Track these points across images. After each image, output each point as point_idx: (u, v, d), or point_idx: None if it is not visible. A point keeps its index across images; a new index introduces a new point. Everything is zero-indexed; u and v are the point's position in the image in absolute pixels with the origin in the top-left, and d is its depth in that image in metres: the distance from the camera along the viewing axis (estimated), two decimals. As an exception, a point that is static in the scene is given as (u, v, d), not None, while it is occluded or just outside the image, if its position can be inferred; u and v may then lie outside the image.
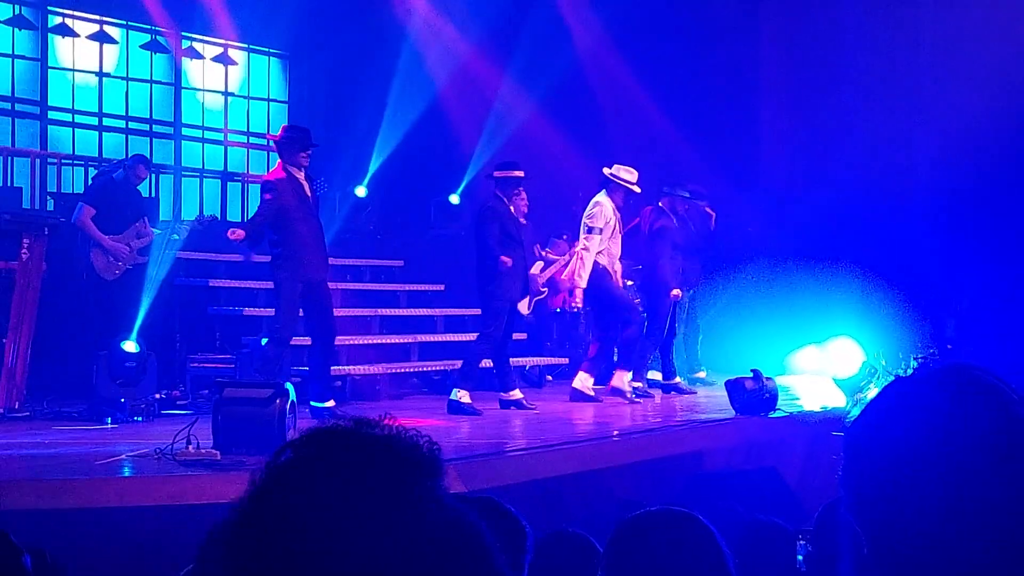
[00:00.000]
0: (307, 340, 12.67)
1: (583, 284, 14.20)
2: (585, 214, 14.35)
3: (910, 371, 2.13)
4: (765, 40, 20.52)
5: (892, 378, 2.13)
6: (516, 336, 15.93)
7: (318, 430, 1.66)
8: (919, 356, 14.84)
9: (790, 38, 20.20)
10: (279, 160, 12.39)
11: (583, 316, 17.54)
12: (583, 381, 14.42)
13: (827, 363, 16.66)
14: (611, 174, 14.36)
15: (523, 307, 15.70)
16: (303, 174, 12.22)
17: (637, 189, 14.46)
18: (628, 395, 14.26)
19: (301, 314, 12.26)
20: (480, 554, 1.61)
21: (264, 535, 1.57)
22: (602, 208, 14.21)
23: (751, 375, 13.37)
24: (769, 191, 19.56)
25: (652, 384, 15.21)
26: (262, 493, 1.62)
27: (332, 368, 13.33)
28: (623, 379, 14.35)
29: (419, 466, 1.63)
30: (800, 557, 5.49)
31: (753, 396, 13.18)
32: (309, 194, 12.26)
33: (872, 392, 2.15)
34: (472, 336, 14.27)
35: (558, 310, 17.73)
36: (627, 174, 14.39)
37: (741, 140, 20.19)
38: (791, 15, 20.17)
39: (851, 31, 19.50)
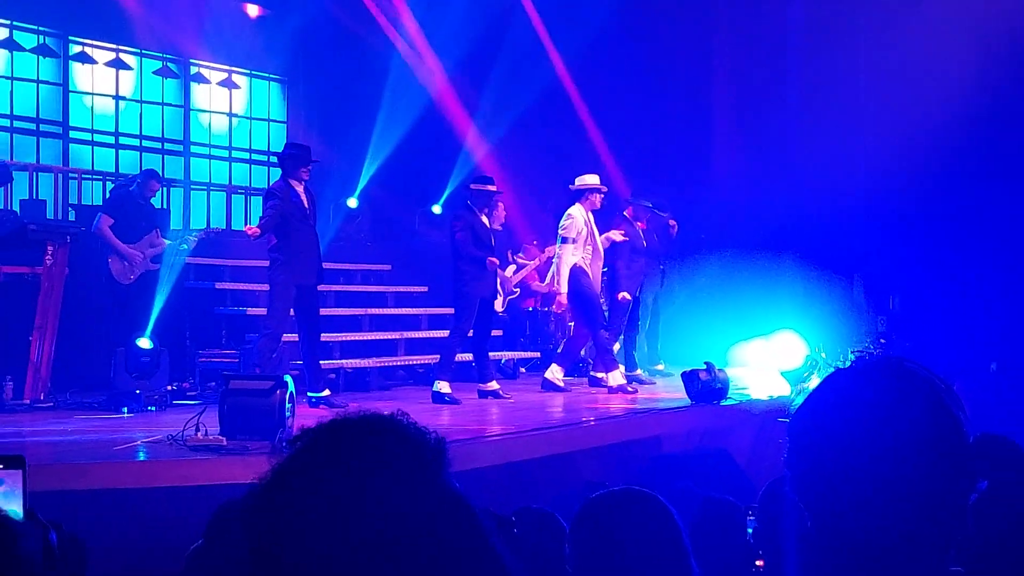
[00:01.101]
0: (296, 337, 12.61)
1: (563, 290, 14.18)
2: (560, 226, 14.33)
3: (848, 363, 2.14)
4: (717, 58, 20.54)
5: (832, 370, 2.14)
6: (493, 333, 15.93)
7: (335, 420, 1.68)
8: (856, 349, 14.87)
9: (740, 56, 20.21)
10: (281, 174, 12.35)
11: (552, 315, 17.56)
12: (554, 372, 14.45)
13: (773, 355, 16.70)
14: (578, 185, 14.39)
15: (497, 306, 15.72)
16: (303, 187, 12.18)
17: (604, 188, 14.47)
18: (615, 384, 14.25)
19: (292, 314, 12.23)
20: (477, 531, 1.64)
21: (287, 510, 1.58)
22: (574, 220, 14.19)
23: (705, 367, 13.38)
24: (721, 200, 19.58)
25: None
26: (286, 472, 1.63)
27: (327, 362, 13.33)
28: (616, 376, 14.34)
29: (426, 453, 1.65)
30: (750, 531, 5.50)
31: (706, 386, 13.19)
32: (308, 206, 12.20)
33: (814, 382, 2.16)
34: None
35: (530, 309, 17.77)
36: (591, 178, 14.44)
37: (695, 152, 20.23)
38: (741, 34, 20.19)
39: (794, 48, 19.56)
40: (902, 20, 18.12)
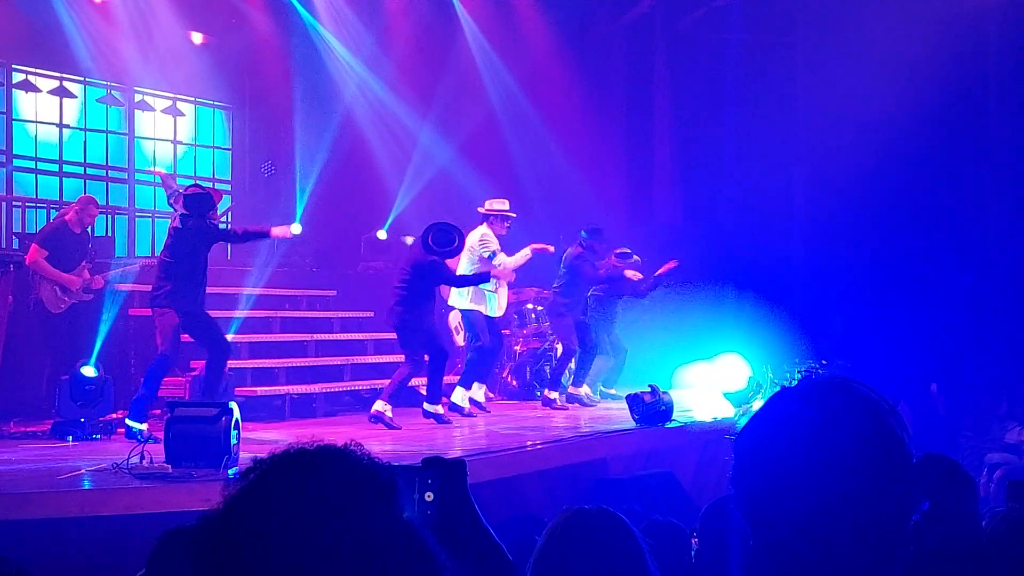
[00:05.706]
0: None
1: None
2: (477, 244, 14.28)
3: (794, 382, 2.14)
4: (657, 90, 20.68)
5: (778, 389, 2.14)
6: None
7: (288, 451, 1.67)
8: (802, 369, 14.93)
9: (679, 89, 20.36)
10: None
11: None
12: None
13: (717, 378, 16.73)
14: (487, 209, 14.41)
15: (459, 340, 15.79)
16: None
17: (512, 214, 14.48)
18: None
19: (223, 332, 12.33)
20: (430, 561, 1.64)
21: (240, 541, 1.57)
22: (487, 238, 14.26)
23: (649, 390, 13.40)
24: (663, 226, 19.66)
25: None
26: (239, 502, 1.61)
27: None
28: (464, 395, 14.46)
29: (379, 483, 1.65)
30: (693, 552, 5.50)
31: (651, 408, 13.21)
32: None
33: (759, 402, 2.16)
34: (399, 357, 14.15)
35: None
36: (499, 204, 14.45)
37: (639, 181, 20.35)
38: (681, 68, 20.34)
39: (733, 80, 19.71)
40: (838, 50, 18.30)
